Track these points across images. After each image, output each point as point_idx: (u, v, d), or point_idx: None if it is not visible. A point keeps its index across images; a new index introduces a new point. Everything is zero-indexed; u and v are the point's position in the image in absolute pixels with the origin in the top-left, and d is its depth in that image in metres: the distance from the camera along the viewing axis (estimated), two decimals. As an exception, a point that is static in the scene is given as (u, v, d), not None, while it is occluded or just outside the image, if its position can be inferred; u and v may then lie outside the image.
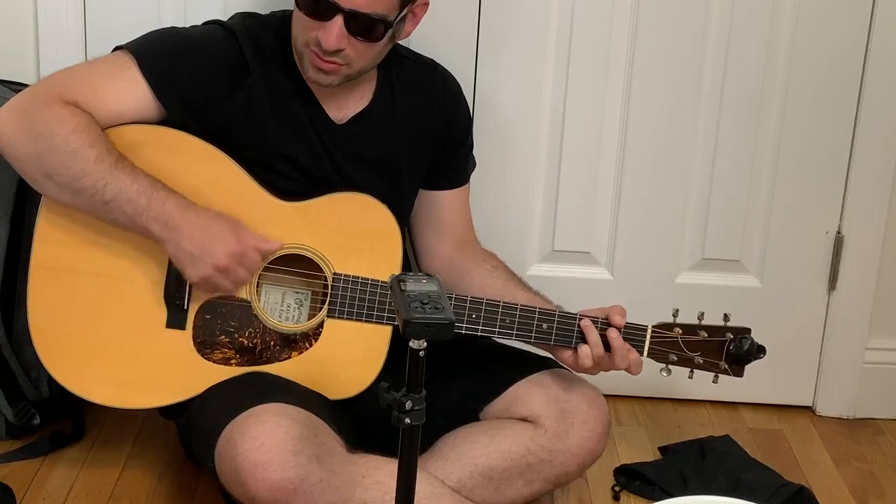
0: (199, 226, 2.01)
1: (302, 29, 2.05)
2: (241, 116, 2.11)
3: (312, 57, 2.06)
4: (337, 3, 1.99)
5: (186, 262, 2.02)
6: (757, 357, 2.14)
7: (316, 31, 2.02)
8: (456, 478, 2.11)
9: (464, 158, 2.36)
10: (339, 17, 2.00)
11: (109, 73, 2.08)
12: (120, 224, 2.03)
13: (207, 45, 2.11)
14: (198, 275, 2.03)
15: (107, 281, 2.10)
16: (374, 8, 2.01)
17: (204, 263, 2.02)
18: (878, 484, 2.52)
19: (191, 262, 2.02)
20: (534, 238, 2.70)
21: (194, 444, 2.11)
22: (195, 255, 2.01)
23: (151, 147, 2.08)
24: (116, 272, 2.09)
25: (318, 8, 2.01)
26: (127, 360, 2.11)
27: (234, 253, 2.02)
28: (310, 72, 2.08)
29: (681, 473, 2.44)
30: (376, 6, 2.01)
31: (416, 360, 1.57)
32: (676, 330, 2.14)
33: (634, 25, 2.56)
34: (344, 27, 2.00)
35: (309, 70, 2.08)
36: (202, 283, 2.05)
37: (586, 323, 2.10)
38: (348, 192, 2.15)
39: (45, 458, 2.39)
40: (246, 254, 2.04)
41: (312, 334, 2.13)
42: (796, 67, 2.58)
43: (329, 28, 2.01)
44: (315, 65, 2.06)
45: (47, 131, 1.99)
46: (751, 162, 2.65)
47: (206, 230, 2.02)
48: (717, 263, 2.70)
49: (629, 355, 2.10)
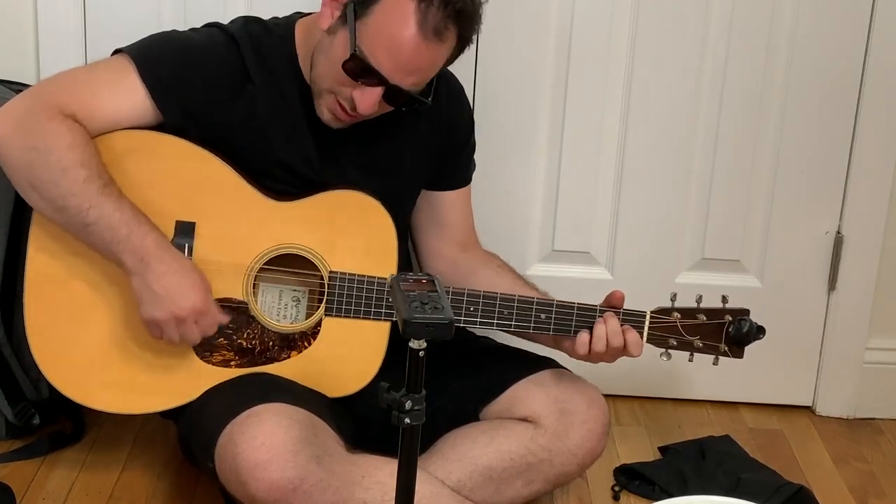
0: (172, 270, 2.00)
1: (334, 80, 2.03)
2: (241, 123, 2.10)
3: (335, 107, 2.05)
4: (387, 78, 1.98)
5: (147, 300, 2.00)
6: (757, 338, 2.14)
7: (351, 90, 2.01)
8: (456, 478, 2.11)
9: (467, 159, 2.36)
10: (381, 88, 2.00)
11: (109, 79, 2.08)
12: (95, 248, 2.02)
13: (208, 51, 2.10)
14: (153, 315, 2.01)
15: (102, 287, 2.09)
16: (419, 86, 2.03)
17: (163, 307, 2.00)
18: (878, 484, 2.52)
19: (151, 301, 2.00)
20: (534, 238, 2.70)
21: (194, 445, 2.11)
22: (159, 296, 1.99)
23: (143, 152, 2.07)
24: (111, 278, 2.08)
25: (363, 75, 1.99)
26: (126, 365, 2.11)
27: (197, 310, 2.01)
28: (325, 115, 2.08)
29: (681, 473, 2.44)
30: (420, 84, 2.03)
31: (416, 360, 1.57)
32: (675, 314, 2.13)
33: (634, 25, 2.56)
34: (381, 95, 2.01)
35: (325, 113, 2.07)
36: (152, 323, 2.02)
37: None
38: (342, 190, 2.14)
39: (45, 458, 2.40)
40: (207, 314, 2.03)
41: (311, 333, 2.13)
42: (796, 68, 2.59)
43: (368, 94, 2.00)
44: (335, 113, 2.06)
45: (42, 145, 1.98)
46: (751, 162, 2.65)
47: (178, 277, 2.00)
48: (717, 263, 2.70)
49: (627, 334, 2.10)
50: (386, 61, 1.97)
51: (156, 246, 2.00)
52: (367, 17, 1.97)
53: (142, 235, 2.00)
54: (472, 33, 2.04)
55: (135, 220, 2.00)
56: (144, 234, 2.00)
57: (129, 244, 1.99)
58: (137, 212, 2.01)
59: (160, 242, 2.01)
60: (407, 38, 1.95)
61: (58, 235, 2.07)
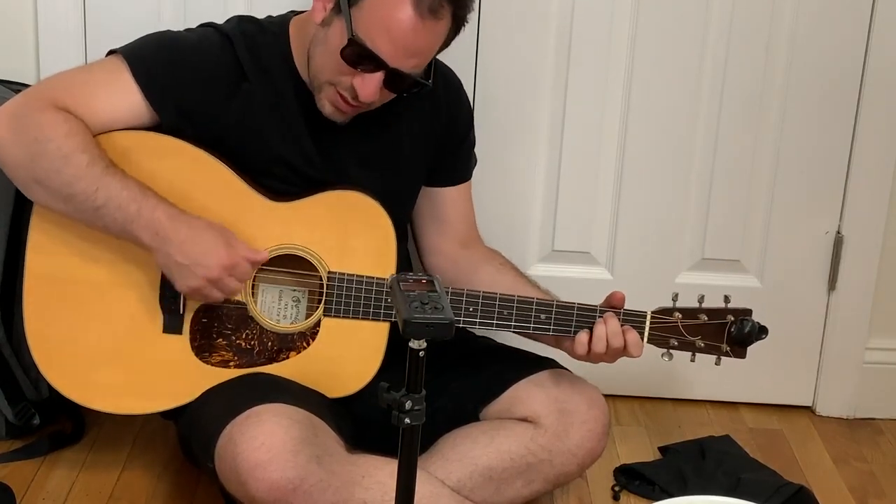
0: (189, 237, 2.01)
1: (333, 69, 2.03)
2: (237, 122, 2.10)
3: (337, 98, 2.05)
4: (386, 62, 1.98)
5: (176, 274, 2.02)
6: (759, 338, 2.13)
7: (351, 78, 2.01)
8: (456, 478, 2.11)
9: (466, 155, 2.36)
10: (382, 73, 2.00)
11: (103, 79, 2.08)
12: (110, 231, 2.03)
13: (203, 50, 2.10)
14: (188, 285, 2.02)
15: (101, 288, 2.09)
16: (419, 69, 2.03)
17: (194, 275, 2.01)
18: (878, 484, 2.52)
19: (181, 274, 2.02)
20: (534, 238, 2.70)
21: (194, 445, 2.11)
22: (186, 266, 2.01)
23: (140, 152, 2.07)
24: (111, 279, 2.08)
25: (363, 61, 1.99)
26: (125, 366, 2.11)
27: (225, 265, 2.02)
28: (327, 108, 2.07)
29: (681, 473, 2.44)
30: (420, 67, 2.03)
31: (416, 360, 1.57)
32: (676, 315, 2.13)
33: (634, 25, 2.56)
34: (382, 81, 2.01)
35: (326, 106, 2.07)
36: (192, 293, 2.04)
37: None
38: (340, 190, 2.14)
39: (45, 458, 2.40)
40: (237, 265, 2.04)
41: (310, 333, 2.13)
42: (796, 68, 2.58)
43: (369, 81, 2.00)
44: (337, 105, 2.06)
45: (40, 136, 1.98)
46: (751, 162, 2.65)
47: (196, 241, 2.01)
48: (717, 263, 2.70)
49: (627, 335, 2.10)
50: (384, 44, 1.97)
51: (167, 217, 2.01)
52: (362, 2, 1.98)
53: (151, 209, 2.00)
54: (466, 12, 2.04)
55: (142, 195, 2.00)
56: (154, 207, 2.00)
57: (142, 220, 1.99)
58: (144, 187, 2.02)
59: (170, 212, 2.02)
60: (403, 19, 1.96)
61: (57, 236, 2.07)
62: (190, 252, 2.00)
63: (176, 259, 2.01)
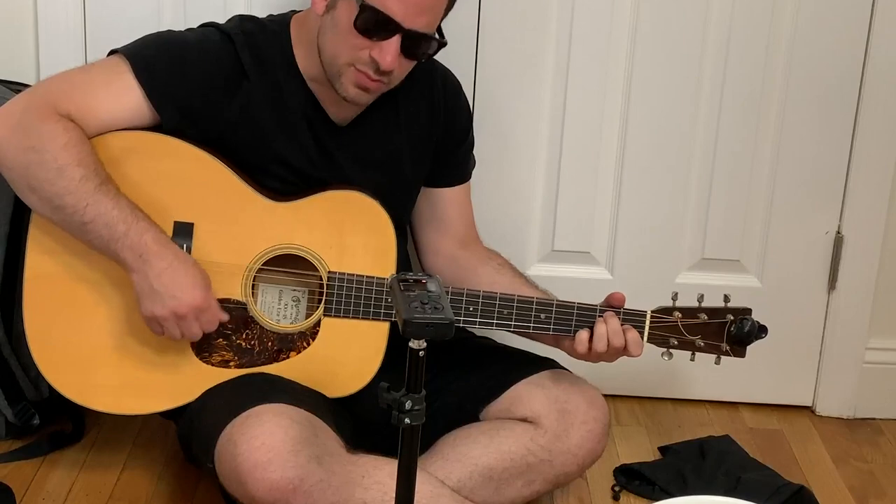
0: (173, 266, 2.00)
1: (348, 48, 2.02)
2: (238, 121, 2.10)
3: (359, 77, 2.04)
4: (400, 23, 1.98)
5: (147, 297, 2.01)
6: (759, 337, 2.14)
7: (368, 50, 2.01)
8: (456, 478, 2.11)
9: (465, 155, 2.36)
10: (398, 36, 2.00)
11: (104, 80, 2.08)
12: (94, 246, 2.02)
13: (204, 50, 2.10)
14: (153, 312, 2.01)
15: (102, 288, 2.09)
16: (431, 28, 2.03)
17: (163, 304, 2.00)
18: (878, 484, 2.52)
19: (151, 299, 2.00)
20: (534, 238, 2.70)
21: (194, 445, 2.11)
22: (159, 293, 2.00)
23: (140, 152, 2.07)
24: (111, 279, 2.08)
25: (378, 28, 1.99)
26: (125, 366, 2.11)
27: (197, 305, 2.01)
28: (350, 91, 2.06)
29: (681, 473, 2.44)
30: (432, 26, 2.03)
31: (416, 360, 1.57)
32: (676, 314, 2.13)
33: (634, 25, 2.56)
34: (399, 46, 2.00)
35: (349, 89, 2.06)
36: (152, 320, 2.03)
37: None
38: (339, 190, 2.14)
39: (45, 458, 2.40)
40: (207, 311, 2.03)
41: (310, 333, 2.13)
42: (796, 67, 2.58)
43: (386, 48, 1.99)
44: (361, 84, 2.05)
45: (38, 145, 1.98)
46: (751, 162, 2.65)
47: (178, 273, 2.00)
48: (717, 263, 2.70)
49: (627, 334, 2.10)
50: (394, 4, 1.97)
51: (154, 242, 2.00)
52: None
53: (140, 232, 2.00)
54: None
55: (132, 216, 2.00)
56: (143, 231, 2.00)
57: (128, 241, 1.99)
58: (135, 208, 2.01)
59: (159, 238, 2.01)
60: None
61: (57, 236, 2.07)
62: (168, 281, 2.00)
63: (152, 283, 1.99)
